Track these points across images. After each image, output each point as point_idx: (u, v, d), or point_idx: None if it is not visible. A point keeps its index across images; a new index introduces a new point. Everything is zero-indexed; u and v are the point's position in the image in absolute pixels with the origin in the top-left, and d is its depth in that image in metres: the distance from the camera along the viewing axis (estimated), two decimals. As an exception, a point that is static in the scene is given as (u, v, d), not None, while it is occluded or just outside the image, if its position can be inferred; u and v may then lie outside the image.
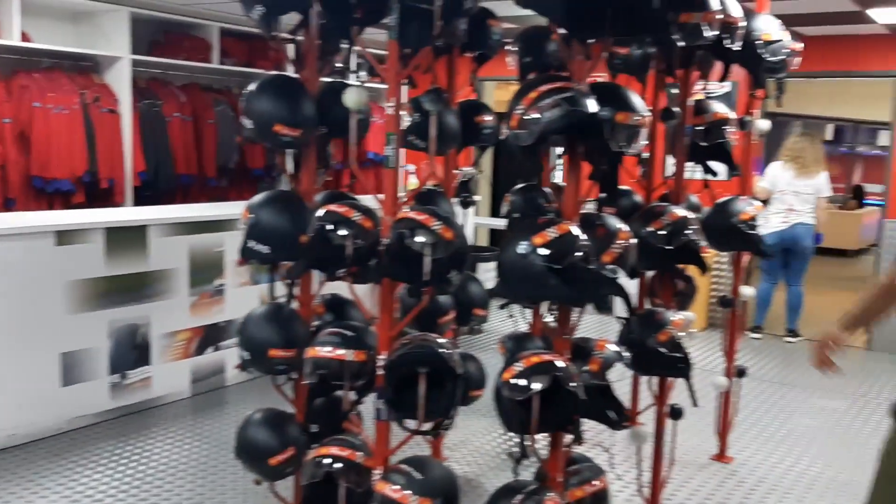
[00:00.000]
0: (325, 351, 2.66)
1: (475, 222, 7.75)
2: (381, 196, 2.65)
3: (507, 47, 3.57)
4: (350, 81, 3.03)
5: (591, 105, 2.34)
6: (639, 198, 3.60)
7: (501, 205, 3.59)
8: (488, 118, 3.68)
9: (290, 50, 3.11)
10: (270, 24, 2.83)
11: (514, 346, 3.46)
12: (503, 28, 3.67)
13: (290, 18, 2.99)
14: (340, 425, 2.93)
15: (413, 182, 6.78)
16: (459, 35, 3.42)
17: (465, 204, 4.06)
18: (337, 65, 3.10)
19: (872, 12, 5.54)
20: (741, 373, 4.17)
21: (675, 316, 3.26)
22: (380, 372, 2.62)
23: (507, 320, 3.38)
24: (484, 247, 7.70)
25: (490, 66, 3.84)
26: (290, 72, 3.05)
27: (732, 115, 3.49)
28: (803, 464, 4.23)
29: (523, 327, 3.36)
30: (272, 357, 2.92)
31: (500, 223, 3.85)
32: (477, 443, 4.31)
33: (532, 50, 3.44)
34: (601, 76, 3.57)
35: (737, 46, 3.25)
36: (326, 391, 2.85)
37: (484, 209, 8.57)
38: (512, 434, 2.56)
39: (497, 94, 8.43)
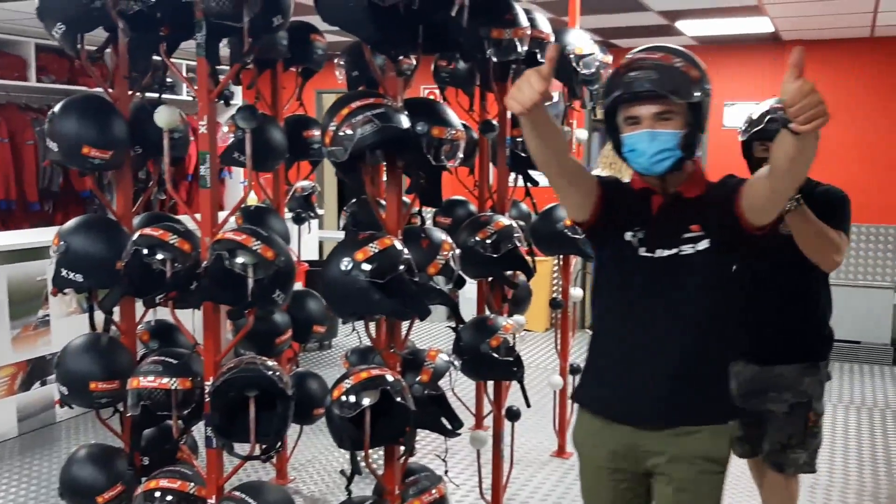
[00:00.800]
0: (147, 380, 2.56)
1: (321, 237, 7.67)
2: (199, 216, 2.58)
3: (335, 60, 3.57)
4: (168, 97, 2.93)
5: (404, 120, 2.38)
6: (474, 207, 3.69)
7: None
8: (317, 132, 3.66)
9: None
10: (74, 41, 2.70)
11: (358, 360, 3.45)
12: (327, 42, 3.67)
13: (100, 35, 2.87)
14: (172, 456, 2.83)
15: (253, 198, 6.63)
16: (280, 50, 3.39)
17: (299, 220, 4.02)
18: (158, 81, 2.99)
19: (680, 24, 5.93)
20: (575, 370, 4.33)
21: (506, 321, 3.35)
22: (207, 398, 2.55)
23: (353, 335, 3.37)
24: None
25: (330, 79, 3.81)
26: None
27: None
28: (637, 453, 4.44)
29: (367, 341, 3.35)
30: (93, 390, 2.78)
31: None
32: (323, 461, 4.26)
33: (359, 63, 3.45)
34: (432, 88, 3.65)
35: (549, 60, 3.38)
36: (154, 421, 2.73)
37: (332, 223, 8.48)
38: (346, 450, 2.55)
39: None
